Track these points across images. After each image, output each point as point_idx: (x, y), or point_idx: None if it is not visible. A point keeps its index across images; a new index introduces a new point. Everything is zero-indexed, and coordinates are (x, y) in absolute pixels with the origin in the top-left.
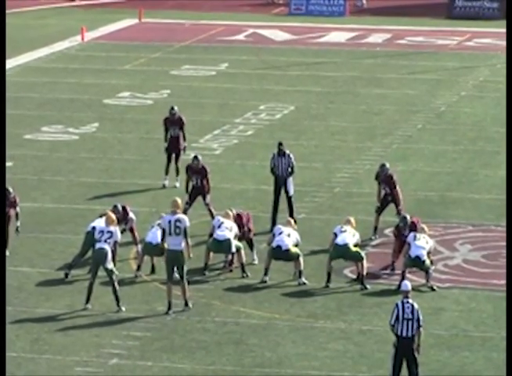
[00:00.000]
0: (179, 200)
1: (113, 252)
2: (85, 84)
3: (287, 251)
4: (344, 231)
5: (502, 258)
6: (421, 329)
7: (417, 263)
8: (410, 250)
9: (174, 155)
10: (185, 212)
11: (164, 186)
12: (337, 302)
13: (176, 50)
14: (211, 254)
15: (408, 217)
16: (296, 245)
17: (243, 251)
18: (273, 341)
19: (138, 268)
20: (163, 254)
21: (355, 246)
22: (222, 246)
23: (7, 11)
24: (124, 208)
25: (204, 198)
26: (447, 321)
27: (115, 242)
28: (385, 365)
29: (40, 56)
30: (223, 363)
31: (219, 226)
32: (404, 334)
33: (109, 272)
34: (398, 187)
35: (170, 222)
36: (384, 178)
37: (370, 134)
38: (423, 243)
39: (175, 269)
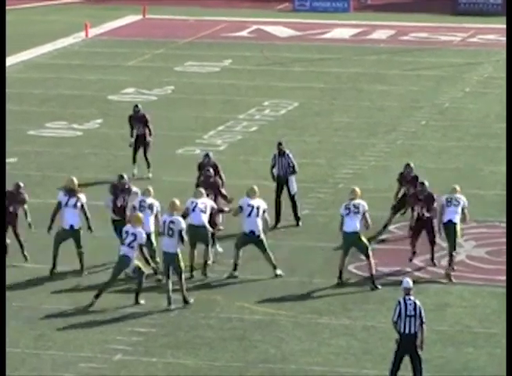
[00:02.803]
0: (177, 202)
1: (142, 252)
2: (89, 81)
3: (258, 236)
4: (350, 213)
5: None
6: (424, 326)
7: (448, 228)
8: (444, 215)
9: (142, 148)
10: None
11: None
12: (341, 299)
13: (180, 46)
14: (196, 252)
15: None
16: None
17: (210, 248)
18: (277, 337)
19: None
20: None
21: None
22: (198, 232)
23: (10, 7)
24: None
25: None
26: (451, 317)
27: (139, 244)
28: (389, 361)
29: (43, 52)
30: (227, 359)
31: (193, 209)
32: (406, 331)
33: (136, 273)
34: None
35: (165, 222)
36: (410, 180)
37: (374, 130)
38: (455, 208)
39: (171, 268)
